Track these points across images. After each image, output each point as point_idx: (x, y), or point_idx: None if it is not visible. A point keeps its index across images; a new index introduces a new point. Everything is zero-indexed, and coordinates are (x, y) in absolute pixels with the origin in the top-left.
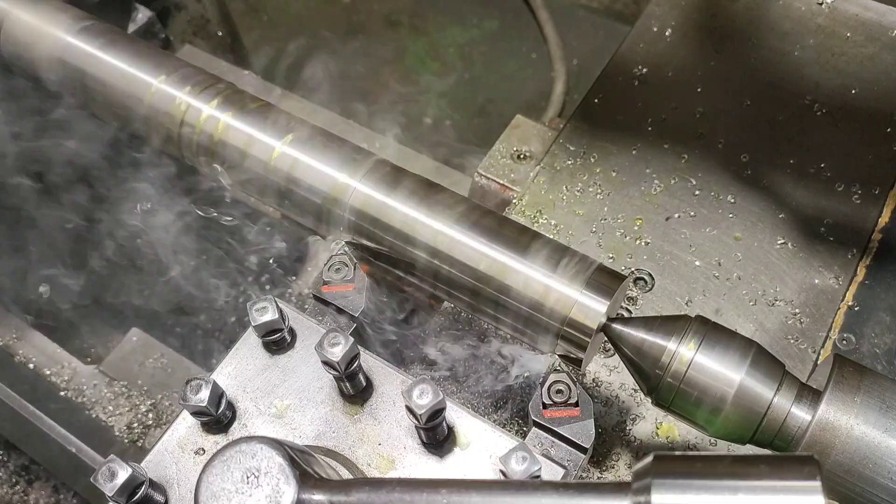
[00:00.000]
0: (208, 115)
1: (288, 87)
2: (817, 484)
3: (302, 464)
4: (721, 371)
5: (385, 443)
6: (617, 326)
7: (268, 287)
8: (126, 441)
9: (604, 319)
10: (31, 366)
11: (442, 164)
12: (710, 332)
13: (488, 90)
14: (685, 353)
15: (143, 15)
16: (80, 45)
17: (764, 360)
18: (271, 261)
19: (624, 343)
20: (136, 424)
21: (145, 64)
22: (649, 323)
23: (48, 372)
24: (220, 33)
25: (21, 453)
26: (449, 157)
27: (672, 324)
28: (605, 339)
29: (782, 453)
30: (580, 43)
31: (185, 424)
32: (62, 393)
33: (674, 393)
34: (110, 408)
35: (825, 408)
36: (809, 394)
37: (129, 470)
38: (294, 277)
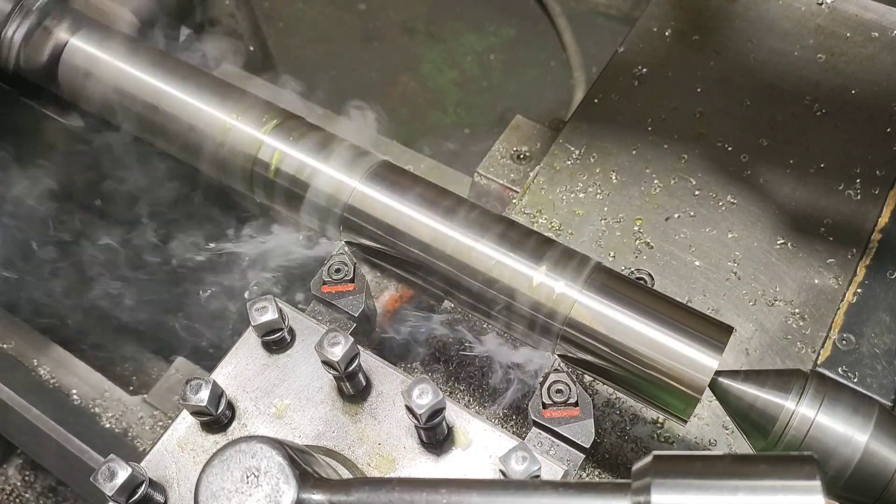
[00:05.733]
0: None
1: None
2: (817, 483)
3: (302, 463)
4: (846, 433)
5: (385, 443)
6: (725, 381)
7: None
8: None
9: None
10: (75, 395)
11: (441, 164)
12: (831, 389)
13: (507, 98)
14: (806, 413)
15: (180, 33)
16: (146, 78)
17: (888, 419)
18: None
19: (734, 400)
20: None
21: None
22: (761, 378)
23: (91, 402)
24: (251, 48)
25: (48, 474)
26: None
27: (787, 380)
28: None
29: (782, 453)
30: (599, 50)
31: (185, 424)
32: (106, 424)
33: None
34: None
35: None
36: None
37: (129, 470)
38: None
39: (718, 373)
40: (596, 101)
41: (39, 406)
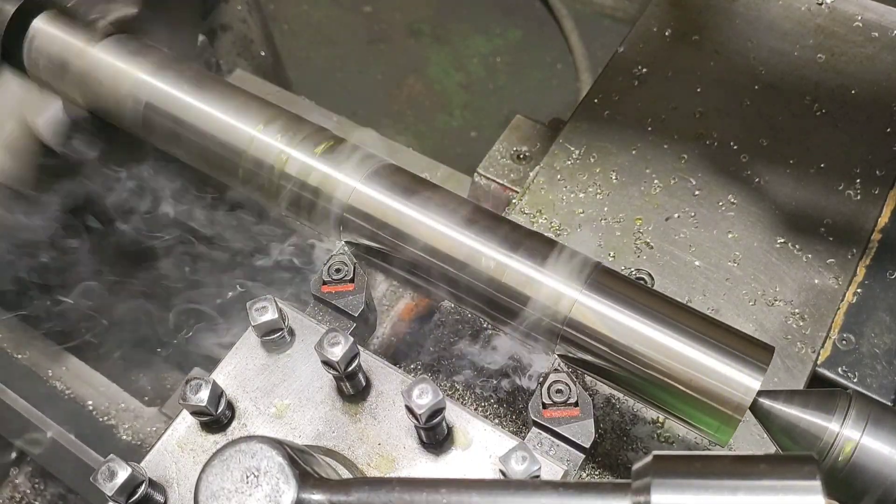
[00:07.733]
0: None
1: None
2: (817, 483)
3: (302, 463)
4: (891, 455)
5: (385, 443)
6: (765, 402)
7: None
8: None
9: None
10: (90, 406)
11: (442, 165)
12: (875, 411)
13: (513, 100)
14: (850, 436)
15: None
16: (166, 88)
17: None
18: None
19: (774, 421)
20: None
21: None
22: (801, 398)
23: (107, 413)
24: (262, 53)
25: (58, 482)
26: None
27: (830, 400)
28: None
29: (782, 453)
30: (605, 53)
31: (185, 424)
32: (123, 436)
33: (836, 479)
34: None
35: None
36: None
37: (129, 469)
38: None
39: (759, 392)
40: (596, 101)
41: (55, 417)
